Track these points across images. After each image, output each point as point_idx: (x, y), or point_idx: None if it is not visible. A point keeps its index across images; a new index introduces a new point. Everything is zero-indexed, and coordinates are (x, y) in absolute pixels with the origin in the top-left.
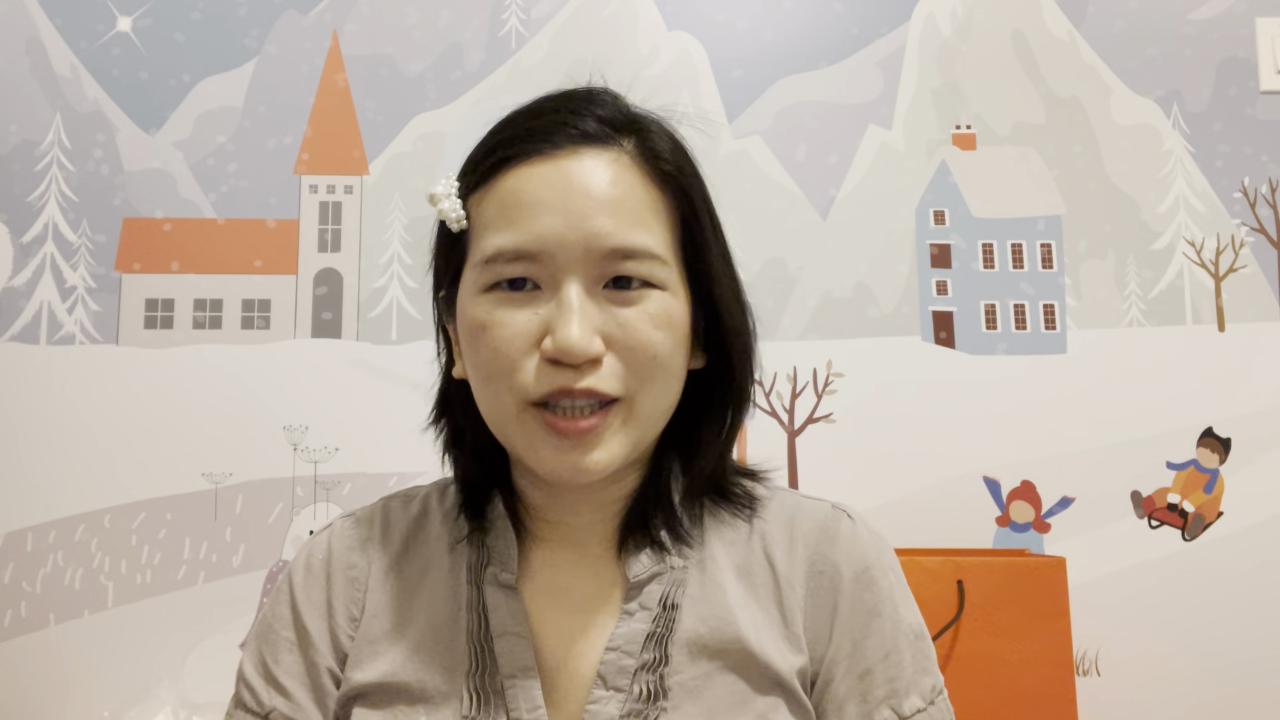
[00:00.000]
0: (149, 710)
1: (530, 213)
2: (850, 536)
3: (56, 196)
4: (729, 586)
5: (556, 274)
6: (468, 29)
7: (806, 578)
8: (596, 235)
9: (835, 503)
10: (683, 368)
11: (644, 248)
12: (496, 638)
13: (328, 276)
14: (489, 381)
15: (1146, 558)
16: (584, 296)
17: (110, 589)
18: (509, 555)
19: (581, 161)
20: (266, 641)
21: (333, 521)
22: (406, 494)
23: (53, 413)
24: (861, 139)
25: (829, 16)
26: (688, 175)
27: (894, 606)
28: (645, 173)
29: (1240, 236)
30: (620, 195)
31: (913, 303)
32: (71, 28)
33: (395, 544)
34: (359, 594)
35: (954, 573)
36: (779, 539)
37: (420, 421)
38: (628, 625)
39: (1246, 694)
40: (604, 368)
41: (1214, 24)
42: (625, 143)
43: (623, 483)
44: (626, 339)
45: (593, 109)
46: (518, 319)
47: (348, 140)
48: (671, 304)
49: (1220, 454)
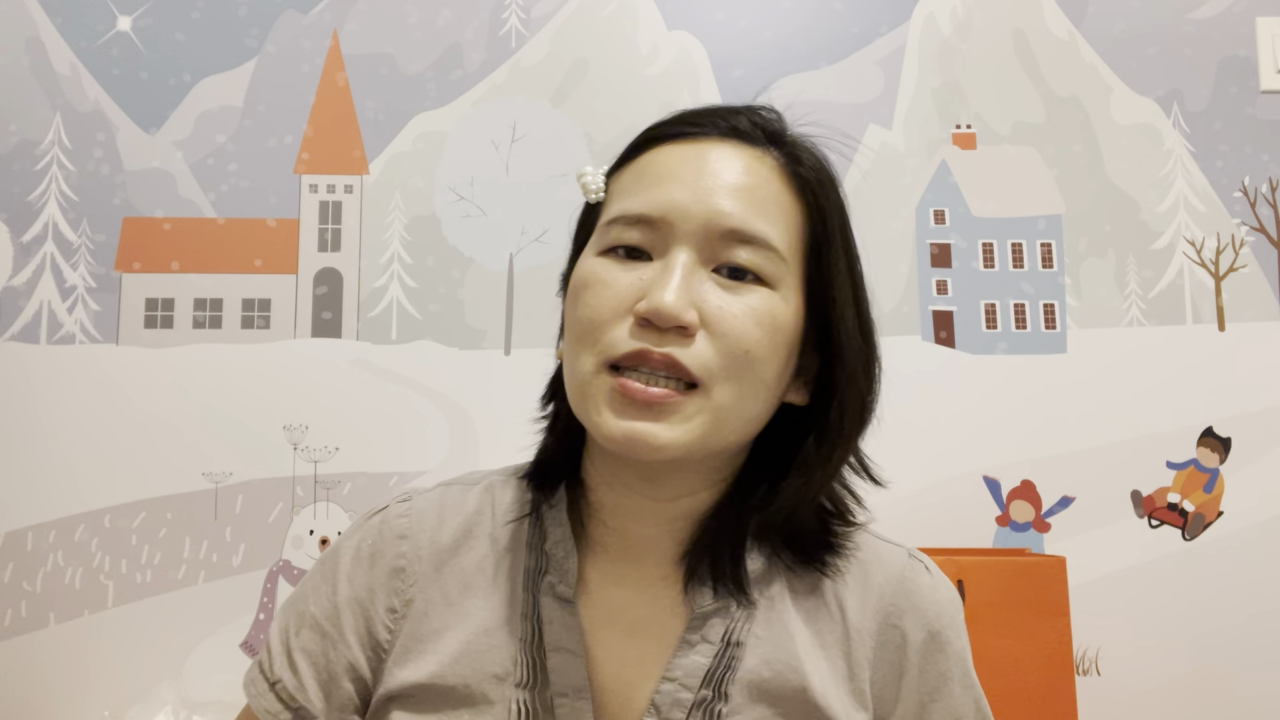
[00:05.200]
0: (149, 710)
1: (660, 182)
2: (929, 592)
3: (56, 196)
4: (796, 630)
5: (670, 242)
6: (468, 29)
7: (878, 630)
8: (718, 213)
9: (911, 550)
10: (776, 380)
11: (763, 236)
12: (550, 652)
13: (328, 276)
14: (578, 342)
15: (1146, 557)
16: (691, 267)
17: (110, 589)
18: (568, 567)
19: (723, 148)
20: (296, 612)
21: (389, 504)
22: (466, 482)
23: (53, 412)
24: (861, 138)
25: (829, 16)
26: (826, 192)
27: (964, 672)
28: (783, 176)
29: (1240, 236)
30: (751, 184)
31: (913, 302)
32: (71, 27)
33: (449, 537)
34: (403, 585)
35: (954, 572)
36: (852, 585)
37: (420, 420)
38: (688, 657)
39: (1246, 693)
40: (692, 345)
41: (1214, 23)
42: (773, 150)
43: (694, 498)
44: (722, 323)
45: (751, 113)
46: (621, 280)
47: (348, 140)
48: (779, 306)
49: (1220, 454)
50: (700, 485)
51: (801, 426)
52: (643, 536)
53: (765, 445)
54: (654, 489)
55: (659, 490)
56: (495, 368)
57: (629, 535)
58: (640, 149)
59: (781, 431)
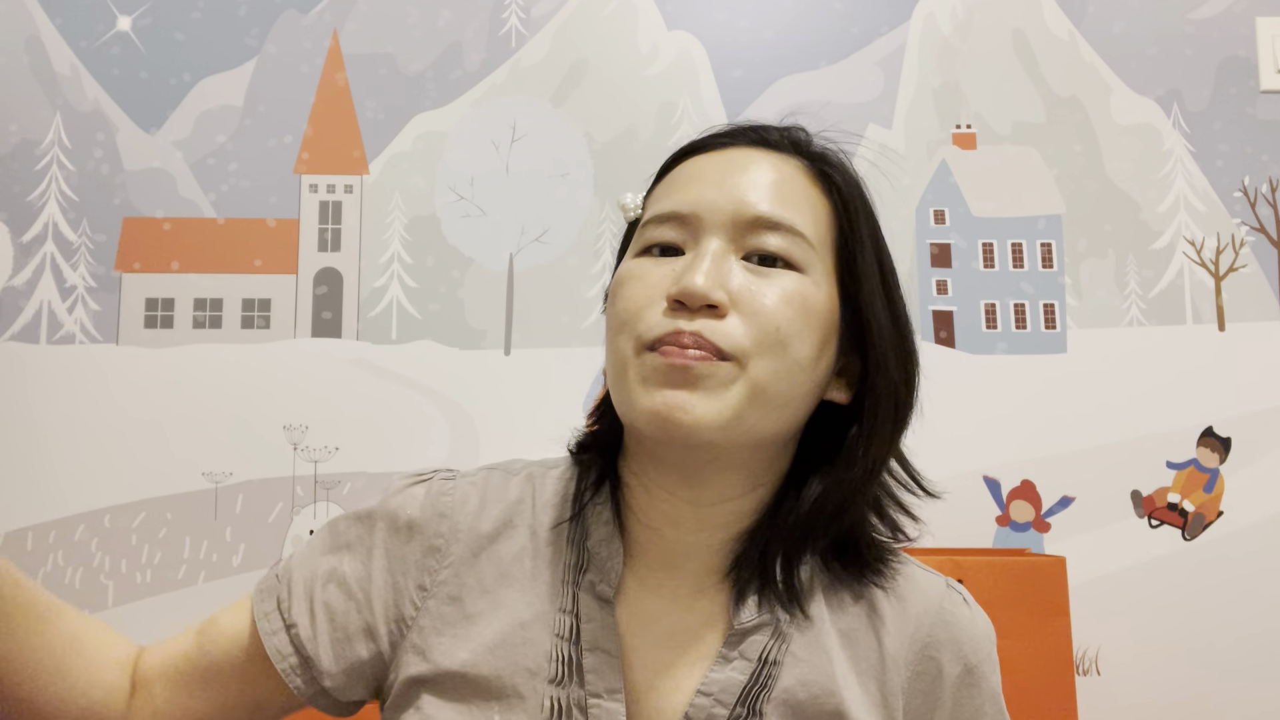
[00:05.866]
0: None
1: (690, 184)
2: (968, 625)
3: (56, 196)
4: (834, 653)
5: (700, 234)
6: (468, 28)
7: (914, 660)
8: (745, 203)
9: (950, 581)
10: (813, 364)
11: (789, 222)
12: (587, 651)
13: (328, 276)
14: (616, 333)
15: (1146, 557)
16: (721, 253)
17: (110, 589)
18: (611, 567)
19: (750, 153)
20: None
21: (431, 478)
22: (508, 470)
23: (53, 412)
24: (861, 138)
25: (829, 16)
26: (853, 192)
27: (996, 710)
28: (810, 176)
29: (1240, 236)
30: (778, 179)
31: (913, 302)
32: (71, 27)
33: (489, 525)
34: (436, 565)
35: (954, 572)
36: (889, 613)
37: (420, 420)
38: (724, 673)
39: (1246, 693)
40: (723, 323)
41: (1214, 23)
42: (798, 156)
43: (737, 503)
44: (752, 303)
45: (781, 128)
46: (655, 273)
47: (348, 140)
48: (809, 289)
49: (1220, 453)
50: (742, 488)
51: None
52: (683, 544)
53: (809, 452)
54: (695, 492)
55: (700, 494)
56: (495, 368)
57: (669, 541)
58: (672, 166)
59: (826, 437)
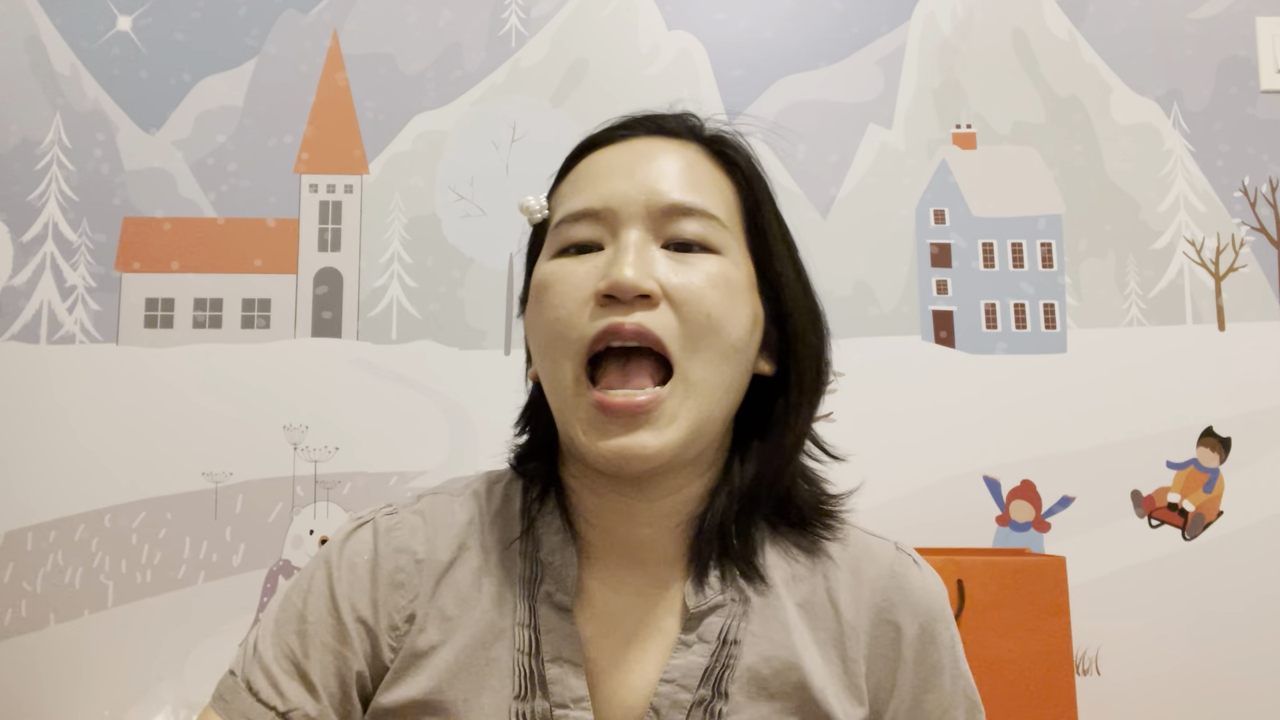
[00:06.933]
0: (149, 710)
1: (598, 179)
2: (919, 585)
3: (56, 196)
4: (793, 626)
5: (617, 228)
6: (468, 28)
7: (871, 625)
8: (657, 192)
9: (898, 543)
10: (744, 344)
11: (702, 206)
12: (549, 663)
13: (328, 276)
14: (551, 347)
15: (1146, 557)
16: (642, 243)
17: (110, 588)
18: (566, 575)
19: (652, 143)
20: (297, 633)
21: (373, 518)
22: (449, 491)
23: (53, 412)
24: (862, 138)
25: (829, 16)
26: (753, 171)
27: (954, 661)
28: (711, 158)
29: (1240, 236)
30: (683, 165)
31: (913, 302)
32: (71, 27)
33: (445, 552)
34: (405, 601)
35: (954, 572)
36: (844, 581)
37: (420, 420)
38: (685, 658)
39: (1246, 693)
40: (657, 312)
41: (1214, 23)
42: (696, 140)
43: (684, 493)
44: (681, 292)
45: (674, 116)
46: (578, 272)
47: (348, 139)
48: (730, 269)
49: (1220, 453)
50: (691, 476)
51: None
52: (638, 539)
53: (746, 427)
54: (644, 489)
55: (650, 490)
56: (495, 368)
57: (625, 538)
58: (573, 162)
59: (757, 411)
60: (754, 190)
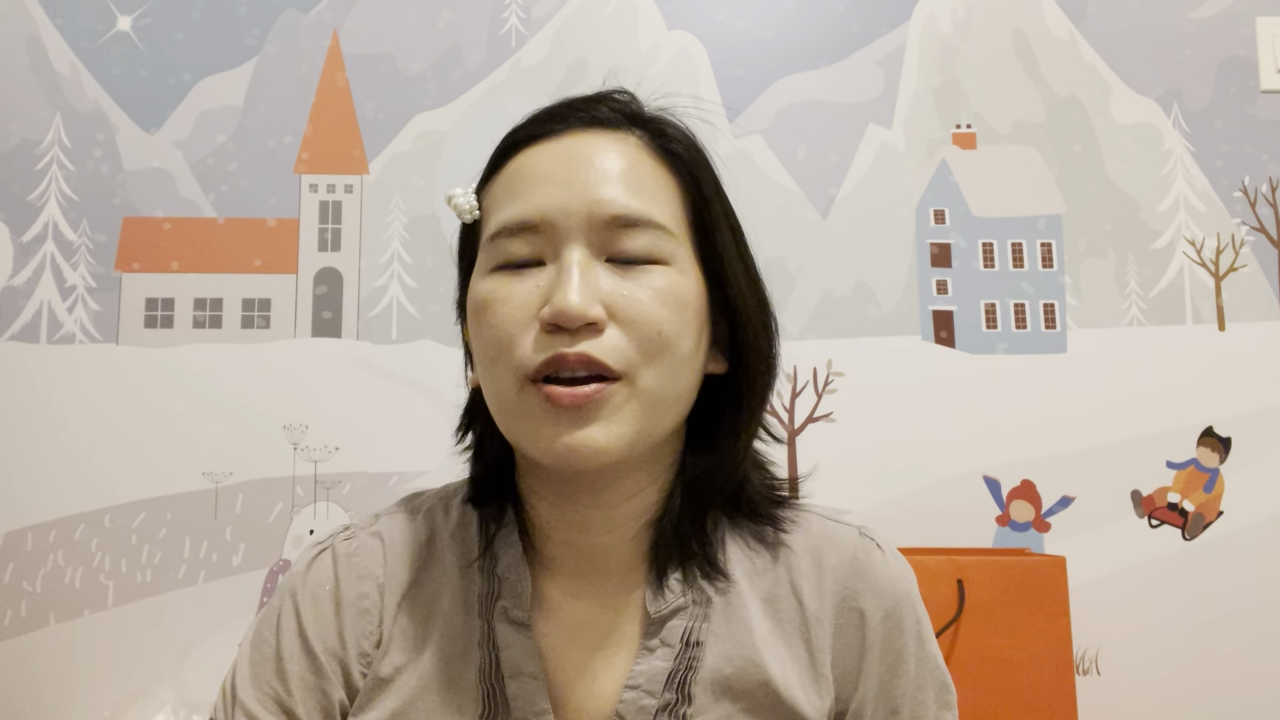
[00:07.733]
0: (149, 710)
1: (534, 186)
2: (882, 570)
3: (56, 196)
4: (755, 623)
5: (558, 244)
6: (468, 28)
7: (835, 614)
8: (599, 202)
9: (861, 528)
10: (695, 353)
11: (648, 216)
12: (509, 679)
13: (328, 276)
14: (493, 364)
15: (1146, 557)
16: (586, 263)
17: (110, 588)
18: (521, 589)
19: (589, 140)
20: (276, 673)
21: (331, 544)
22: (409, 508)
23: (53, 412)
24: (862, 138)
25: (829, 16)
26: (698, 162)
27: (920, 644)
28: (654, 154)
29: (1240, 236)
30: (625, 168)
31: (913, 302)
32: (71, 27)
33: (406, 571)
34: (371, 627)
35: (954, 572)
36: (806, 571)
37: (420, 420)
38: (648, 663)
39: (1247, 693)
40: (605, 338)
41: (1214, 23)
42: (636, 130)
43: (639, 498)
44: (630, 311)
45: (607, 101)
46: (519, 292)
47: (348, 139)
48: (679, 281)
49: (1220, 453)
50: (645, 481)
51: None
52: (596, 547)
53: (697, 426)
54: (599, 497)
55: (604, 497)
56: None
57: (583, 548)
58: (505, 156)
59: (709, 407)
60: (700, 184)
